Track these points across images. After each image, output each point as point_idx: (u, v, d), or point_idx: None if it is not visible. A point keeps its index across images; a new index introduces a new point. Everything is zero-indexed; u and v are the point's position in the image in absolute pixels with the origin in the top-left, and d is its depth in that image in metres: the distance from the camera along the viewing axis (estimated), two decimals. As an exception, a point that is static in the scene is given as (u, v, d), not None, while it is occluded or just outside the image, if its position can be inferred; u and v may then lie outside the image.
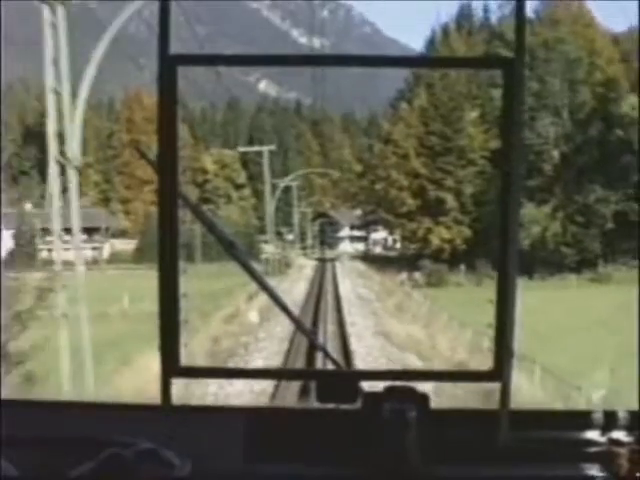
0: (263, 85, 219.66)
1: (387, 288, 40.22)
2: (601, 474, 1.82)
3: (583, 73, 49.18)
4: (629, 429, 1.87)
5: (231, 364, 17.86)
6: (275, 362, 18.31)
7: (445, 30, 61.20)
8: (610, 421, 1.88)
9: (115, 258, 59.89)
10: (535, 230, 44.56)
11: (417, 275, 47.94)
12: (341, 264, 60.86)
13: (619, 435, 1.85)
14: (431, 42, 61.94)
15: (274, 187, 60.77)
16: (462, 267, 47.82)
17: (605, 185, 46.28)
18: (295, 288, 37.67)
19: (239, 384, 15.00)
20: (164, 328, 1.78)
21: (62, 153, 14.68)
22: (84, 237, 68.48)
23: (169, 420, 1.89)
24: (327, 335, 22.07)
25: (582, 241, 46.33)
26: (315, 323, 24.58)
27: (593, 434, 1.88)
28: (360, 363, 17.89)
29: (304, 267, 59.00)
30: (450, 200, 52.00)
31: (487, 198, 47.45)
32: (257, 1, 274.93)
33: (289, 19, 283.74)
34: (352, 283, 43.27)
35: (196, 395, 12.57)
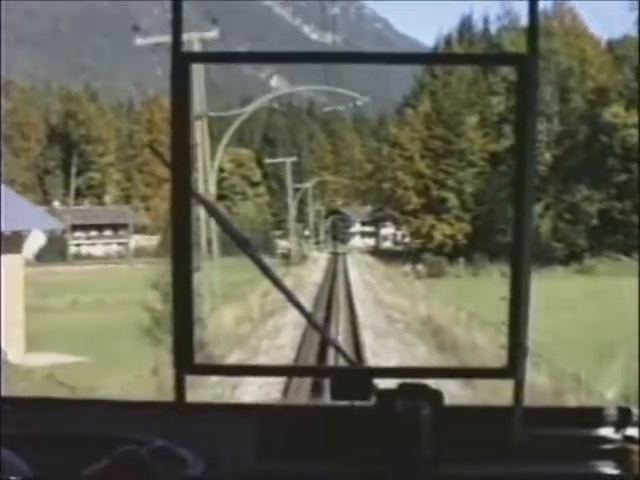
0: (275, 81, 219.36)
1: (389, 276, 43.16)
2: (615, 471, 1.74)
3: (574, 82, 51.06)
4: None
5: (277, 315, 23.55)
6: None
7: (448, 41, 62.94)
8: (624, 418, 1.81)
9: (140, 253, 60.37)
10: (529, 227, 46.94)
11: (420, 267, 49.45)
12: (351, 257, 62.38)
13: (633, 432, 1.78)
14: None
15: (295, 190, 62.60)
16: (461, 260, 49.68)
17: (590, 185, 48.36)
18: (313, 274, 42.73)
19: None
20: (178, 325, 1.73)
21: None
22: (110, 233, 72.21)
23: (182, 418, 1.84)
24: (339, 304, 28.56)
25: (570, 236, 48.16)
26: (330, 296, 30.89)
27: (607, 431, 1.80)
28: (361, 312, 25.05)
29: (319, 259, 61.25)
30: (452, 199, 53.48)
31: (486, 197, 50.21)
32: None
33: (300, 16, 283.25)
34: (360, 271, 46.14)
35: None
